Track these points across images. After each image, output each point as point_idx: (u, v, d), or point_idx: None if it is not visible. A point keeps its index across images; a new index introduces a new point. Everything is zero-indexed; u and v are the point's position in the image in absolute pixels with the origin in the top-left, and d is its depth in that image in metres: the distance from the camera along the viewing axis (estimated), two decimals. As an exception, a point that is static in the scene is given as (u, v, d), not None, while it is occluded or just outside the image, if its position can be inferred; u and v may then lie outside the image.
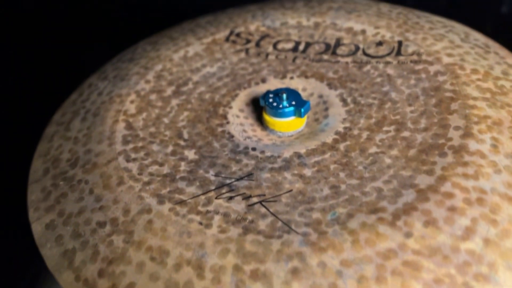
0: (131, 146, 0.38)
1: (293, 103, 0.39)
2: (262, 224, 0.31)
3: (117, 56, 0.50)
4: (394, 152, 0.35)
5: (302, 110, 0.38)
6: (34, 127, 0.49)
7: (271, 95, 0.40)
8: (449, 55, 0.41)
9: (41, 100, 0.62)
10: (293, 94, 0.39)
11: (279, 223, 0.31)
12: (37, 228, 0.35)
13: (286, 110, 0.38)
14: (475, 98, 0.37)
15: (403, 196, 0.31)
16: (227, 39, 0.48)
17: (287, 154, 0.37)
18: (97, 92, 0.44)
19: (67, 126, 0.42)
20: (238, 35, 0.49)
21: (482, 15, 0.77)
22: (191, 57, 0.47)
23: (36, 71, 0.70)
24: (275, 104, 0.39)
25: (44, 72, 0.70)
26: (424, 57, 0.42)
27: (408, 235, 0.29)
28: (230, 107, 0.42)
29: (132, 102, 0.42)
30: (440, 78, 0.39)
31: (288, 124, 0.39)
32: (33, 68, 0.70)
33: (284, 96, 0.39)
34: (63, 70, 0.69)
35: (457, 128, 0.35)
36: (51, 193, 0.36)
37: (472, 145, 0.33)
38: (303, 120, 0.40)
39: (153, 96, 0.43)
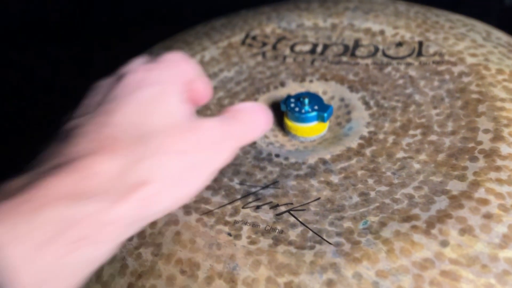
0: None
1: (316, 107, 0.38)
2: (293, 234, 0.30)
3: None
4: (423, 157, 0.34)
5: (325, 115, 0.37)
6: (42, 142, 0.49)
7: (292, 100, 0.39)
8: (473, 55, 0.40)
9: (51, 113, 0.62)
10: (315, 99, 0.39)
11: (310, 233, 0.30)
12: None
13: (309, 115, 0.38)
14: (503, 100, 0.36)
15: (436, 203, 0.30)
16: (243, 42, 0.48)
17: (311, 160, 0.36)
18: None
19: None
20: (254, 38, 0.48)
21: (486, 8, 0.76)
22: (208, 62, 0.46)
23: (45, 80, 0.69)
24: (297, 109, 0.38)
25: (53, 81, 0.69)
26: (446, 57, 0.41)
27: (444, 243, 0.28)
28: (250, 113, 0.41)
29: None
30: (465, 79, 0.38)
31: (311, 129, 0.38)
32: (41, 77, 0.70)
33: (306, 100, 0.38)
34: (72, 77, 0.68)
35: (486, 131, 0.34)
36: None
37: (504, 148, 0.33)
38: (326, 125, 0.39)
39: (171, 103, 0.42)
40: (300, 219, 0.31)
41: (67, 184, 0.19)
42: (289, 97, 0.39)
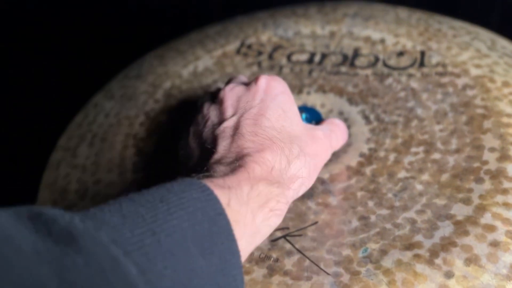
0: (142, 174, 0.36)
1: (313, 123, 0.36)
2: (288, 263, 0.29)
3: (123, 72, 0.47)
4: (425, 177, 0.32)
5: None
6: (39, 146, 0.47)
7: None
8: (477, 66, 0.39)
9: (44, 117, 0.60)
10: (313, 114, 0.37)
11: (307, 262, 0.29)
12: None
13: None
14: (509, 115, 0.34)
15: (440, 228, 0.29)
16: (238, 51, 0.46)
17: (309, 180, 0.34)
18: (104, 113, 0.42)
19: (73, 152, 0.39)
20: (249, 46, 0.46)
21: (489, 3, 0.74)
22: (201, 73, 0.44)
23: (36, 86, 0.68)
24: None
25: (44, 85, 0.68)
26: (450, 68, 0.39)
27: (449, 275, 0.27)
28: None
29: (141, 124, 0.40)
30: (469, 93, 0.37)
31: None
32: (33, 84, 0.68)
33: (304, 116, 0.37)
34: (63, 80, 0.66)
35: (492, 149, 0.32)
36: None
37: (511, 169, 0.31)
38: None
39: (163, 117, 0.40)
40: (297, 246, 0.30)
41: (260, 172, 0.26)
42: None
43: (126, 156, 0.37)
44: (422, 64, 0.40)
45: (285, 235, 0.31)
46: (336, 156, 0.36)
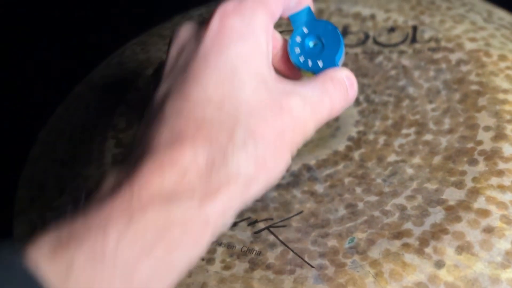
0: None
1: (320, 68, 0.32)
2: (271, 256, 0.27)
3: (105, 61, 0.46)
4: (416, 160, 0.31)
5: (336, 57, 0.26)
6: (20, 142, 0.46)
7: (298, 39, 0.32)
8: (472, 39, 0.37)
9: (24, 111, 0.59)
10: (330, 39, 0.34)
11: (291, 254, 0.27)
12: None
13: None
14: (505, 91, 0.32)
15: (430, 215, 0.27)
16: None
17: (295, 167, 0.33)
18: (84, 104, 0.41)
19: (53, 146, 0.38)
20: (234, 28, 0.44)
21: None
22: (184, 58, 0.43)
23: (16, 79, 0.66)
24: (303, 57, 0.31)
25: (26, 77, 0.66)
26: (443, 43, 0.37)
27: (439, 264, 0.25)
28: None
29: (121, 115, 0.38)
30: (463, 68, 0.35)
31: None
32: (13, 76, 0.66)
33: (308, 41, 0.33)
34: (45, 73, 0.65)
35: (487, 128, 0.30)
36: (38, 227, 0.33)
37: (507, 149, 0.29)
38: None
39: (144, 106, 0.39)
40: (281, 237, 0.28)
41: (160, 184, 0.18)
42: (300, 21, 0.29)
43: (105, 148, 0.36)
44: (414, 40, 0.38)
45: (268, 226, 0.29)
46: (323, 140, 0.34)
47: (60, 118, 0.41)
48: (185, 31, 0.23)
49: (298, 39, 0.25)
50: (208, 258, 0.28)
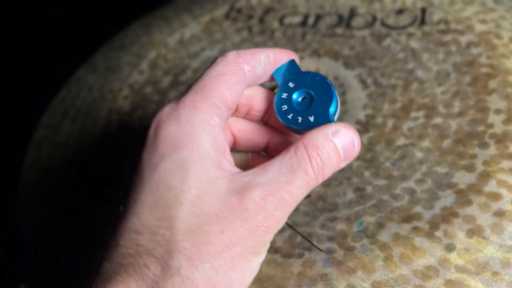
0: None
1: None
2: (279, 240, 0.27)
3: (107, 43, 0.45)
4: (426, 143, 0.30)
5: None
6: (21, 125, 0.45)
7: (284, 96, 0.34)
8: (482, 21, 0.36)
9: (26, 94, 0.58)
10: (323, 92, 0.34)
11: (299, 238, 0.27)
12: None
13: None
14: (517, 74, 0.32)
15: (440, 198, 0.27)
16: (226, 16, 0.43)
17: (302, 150, 0.32)
18: (87, 87, 0.40)
19: (56, 129, 0.38)
20: (239, 11, 0.43)
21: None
22: (188, 40, 0.42)
23: (17, 63, 0.65)
24: (291, 116, 0.33)
25: (26, 62, 0.65)
26: (453, 25, 0.36)
27: (450, 248, 0.25)
28: (235, 97, 0.37)
29: (125, 98, 0.38)
30: (474, 51, 0.34)
31: None
32: (14, 59, 0.65)
33: (296, 97, 0.34)
34: (47, 56, 0.64)
35: (498, 111, 0.30)
36: (42, 212, 0.32)
37: (518, 132, 0.29)
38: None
39: (148, 89, 0.38)
40: (288, 221, 0.28)
41: None
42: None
43: (110, 131, 0.35)
44: (423, 22, 0.38)
45: (276, 210, 0.29)
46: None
47: (63, 102, 0.40)
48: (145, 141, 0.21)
49: (284, 95, 0.23)
50: (215, 242, 0.28)
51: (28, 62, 0.65)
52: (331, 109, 0.22)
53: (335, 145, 0.21)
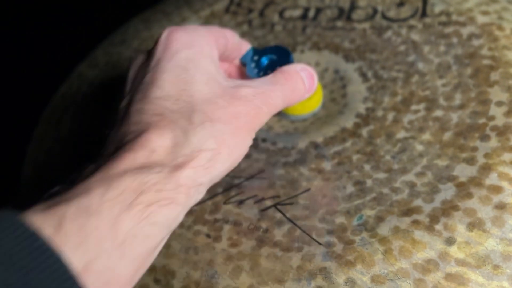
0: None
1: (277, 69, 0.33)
2: (279, 234, 0.27)
3: (108, 38, 0.45)
4: (426, 136, 0.30)
5: None
6: (23, 121, 0.45)
7: (255, 58, 0.34)
8: (484, 13, 0.35)
9: (27, 89, 0.58)
10: (281, 55, 0.34)
11: (298, 232, 0.27)
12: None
13: None
14: (519, 65, 0.31)
15: (441, 192, 0.27)
16: (227, 10, 0.43)
17: (302, 144, 0.32)
18: (88, 82, 0.40)
19: (57, 125, 0.38)
20: (239, 4, 0.43)
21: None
22: (188, 35, 0.42)
23: (18, 58, 0.65)
24: (257, 71, 0.33)
25: (28, 57, 0.65)
26: (454, 17, 0.36)
27: (450, 241, 0.25)
28: (235, 91, 0.37)
29: (125, 92, 0.38)
30: (475, 42, 0.34)
31: (302, 106, 0.34)
32: (15, 55, 0.65)
33: (265, 59, 0.34)
34: (48, 51, 0.64)
35: (499, 103, 0.30)
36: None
37: (520, 124, 0.28)
38: (319, 101, 0.35)
39: (148, 84, 0.38)
40: (288, 215, 0.28)
41: (134, 160, 0.21)
42: (249, 52, 0.33)
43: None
44: (424, 14, 0.37)
45: (275, 204, 0.29)
46: (330, 117, 0.34)
47: (63, 97, 0.40)
48: (138, 58, 0.27)
49: (253, 64, 0.31)
50: (215, 236, 0.28)
51: (29, 57, 0.65)
52: (291, 59, 0.31)
53: (301, 76, 0.29)
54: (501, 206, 0.25)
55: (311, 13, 0.41)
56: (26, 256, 0.17)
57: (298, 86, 0.28)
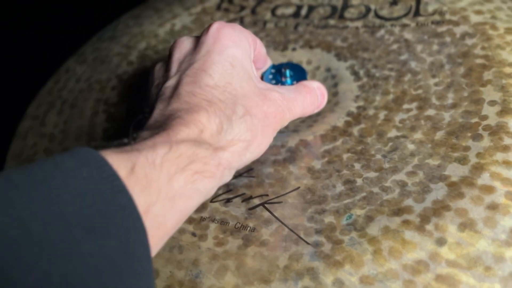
0: (112, 141, 0.33)
1: (295, 83, 0.33)
2: (266, 233, 0.26)
3: (97, 34, 0.44)
4: (418, 135, 0.29)
5: None
6: (8, 117, 0.44)
7: (272, 71, 0.34)
8: (478, 12, 0.35)
9: (14, 87, 0.57)
10: (298, 71, 0.34)
11: (286, 231, 0.26)
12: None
13: None
14: (512, 65, 0.31)
15: (432, 191, 0.26)
16: (218, 7, 0.42)
17: (292, 142, 0.31)
18: (75, 78, 0.39)
19: (42, 120, 0.37)
20: (230, 1, 0.43)
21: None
22: (179, 31, 0.41)
23: (5, 52, 0.64)
24: (274, 82, 0.34)
25: (16, 53, 0.64)
26: (448, 16, 0.35)
27: (441, 242, 0.24)
28: (225, 88, 0.36)
29: (113, 88, 0.37)
30: (469, 41, 0.33)
31: None
32: (2, 49, 0.64)
33: (287, 72, 0.34)
34: (37, 49, 0.63)
35: (492, 103, 0.29)
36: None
37: (513, 124, 0.28)
38: (309, 100, 0.34)
39: (136, 80, 0.37)
40: (276, 214, 0.27)
41: (187, 133, 0.24)
42: (270, 67, 0.35)
43: (96, 122, 0.35)
44: (417, 13, 0.37)
45: (263, 202, 0.28)
46: (321, 116, 0.33)
47: (50, 92, 0.39)
48: (184, 42, 0.29)
49: (271, 76, 0.34)
50: (200, 235, 0.27)
51: (17, 53, 0.64)
52: (306, 76, 0.34)
53: (317, 93, 0.31)
54: (493, 207, 0.25)
55: (304, 11, 0.40)
56: (106, 191, 0.19)
57: (314, 100, 0.31)
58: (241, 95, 0.27)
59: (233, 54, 0.28)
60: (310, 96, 0.31)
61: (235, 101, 0.26)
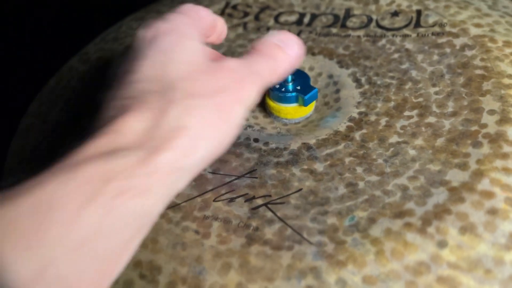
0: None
1: (298, 88, 0.34)
2: (269, 232, 0.27)
3: (101, 35, 0.44)
4: (419, 141, 0.30)
5: (306, 98, 0.33)
6: (10, 116, 0.44)
7: None
8: (477, 25, 0.36)
9: (17, 85, 0.57)
10: (300, 77, 0.34)
11: (289, 231, 0.27)
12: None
13: (289, 95, 0.33)
14: (510, 76, 0.32)
15: (433, 195, 0.27)
16: (222, 12, 0.43)
17: (294, 145, 0.32)
18: (78, 77, 0.39)
19: (44, 118, 0.37)
20: (234, 7, 0.43)
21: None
22: (183, 34, 0.41)
23: (9, 53, 0.64)
24: (277, 86, 0.34)
25: (18, 53, 0.64)
26: (448, 28, 0.36)
27: (442, 244, 0.24)
28: (228, 91, 0.37)
29: (116, 88, 0.37)
30: (468, 53, 0.34)
31: (294, 110, 0.34)
32: (4, 48, 0.64)
33: (290, 78, 0.34)
34: (40, 50, 0.63)
35: (491, 112, 0.30)
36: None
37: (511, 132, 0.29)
38: (312, 106, 0.35)
39: (140, 81, 0.38)
40: (278, 214, 0.28)
41: (100, 145, 0.19)
42: None
43: (99, 121, 0.35)
44: (418, 24, 0.38)
45: (266, 203, 0.28)
46: (324, 121, 0.34)
47: (52, 91, 0.40)
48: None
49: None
50: (203, 233, 0.27)
51: (22, 52, 0.64)
52: (309, 81, 0.34)
53: (280, 46, 0.27)
54: (493, 211, 0.25)
55: (306, 19, 0.41)
56: None
57: (279, 56, 0.26)
58: (179, 79, 0.23)
59: (163, 42, 0.24)
60: (280, 55, 0.26)
61: (172, 88, 0.22)
